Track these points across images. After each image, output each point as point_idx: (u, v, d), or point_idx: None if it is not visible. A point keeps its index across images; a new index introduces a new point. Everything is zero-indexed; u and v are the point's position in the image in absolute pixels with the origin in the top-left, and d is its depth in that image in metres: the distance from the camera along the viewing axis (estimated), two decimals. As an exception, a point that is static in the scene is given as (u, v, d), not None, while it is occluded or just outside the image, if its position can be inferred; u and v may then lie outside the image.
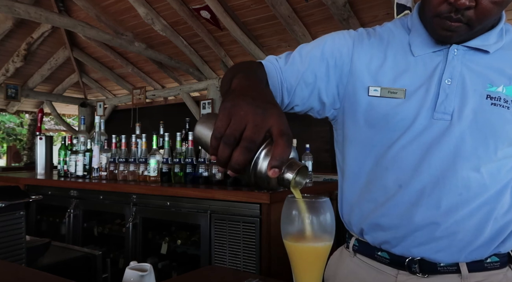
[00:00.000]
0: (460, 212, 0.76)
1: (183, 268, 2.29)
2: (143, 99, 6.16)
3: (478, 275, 0.77)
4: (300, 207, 0.67)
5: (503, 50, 0.79)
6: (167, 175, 2.35)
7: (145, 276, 0.77)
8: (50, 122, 12.01)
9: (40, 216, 2.79)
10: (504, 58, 0.78)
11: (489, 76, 0.76)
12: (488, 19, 0.73)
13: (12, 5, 3.75)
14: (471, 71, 0.77)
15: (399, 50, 0.83)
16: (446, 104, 0.76)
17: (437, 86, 0.77)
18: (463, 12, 0.70)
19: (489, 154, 0.75)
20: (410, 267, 0.80)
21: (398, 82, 0.80)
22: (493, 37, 0.78)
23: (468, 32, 0.74)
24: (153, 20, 4.66)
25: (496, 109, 0.75)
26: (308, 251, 0.66)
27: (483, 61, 0.78)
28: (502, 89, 0.75)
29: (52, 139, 3.55)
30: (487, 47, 0.77)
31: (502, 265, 0.79)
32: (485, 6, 0.70)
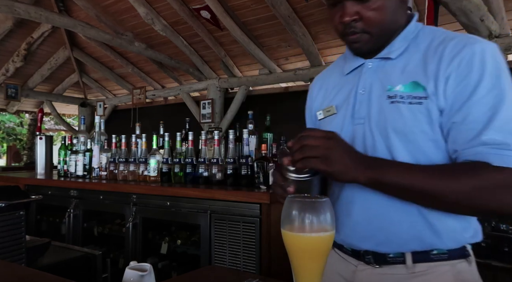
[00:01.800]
0: (390, 208, 0.85)
1: (183, 268, 2.29)
2: (143, 99, 6.16)
3: (422, 266, 0.84)
4: (300, 206, 0.67)
5: (406, 52, 0.88)
6: (167, 175, 2.35)
7: (145, 276, 0.77)
8: (50, 122, 12.01)
9: (40, 216, 2.79)
10: (405, 60, 0.87)
11: (390, 79, 0.87)
12: (379, 24, 0.83)
13: (12, 5, 3.75)
14: (378, 79, 0.89)
15: (338, 74, 1.00)
16: (360, 111, 0.89)
17: (355, 97, 0.91)
18: (353, 25, 0.83)
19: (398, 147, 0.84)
20: (364, 258, 0.90)
21: (333, 101, 0.96)
22: (398, 44, 0.88)
23: (371, 39, 0.85)
24: (153, 20, 4.66)
25: (395, 106, 0.84)
26: (306, 241, 0.66)
27: (389, 66, 0.89)
28: (400, 87, 0.84)
29: (52, 139, 3.55)
30: (390, 54, 0.88)
31: (452, 257, 0.85)
32: (367, 16, 0.82)
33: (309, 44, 4.33)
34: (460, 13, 2.85)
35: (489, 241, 2.45)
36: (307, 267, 0.68)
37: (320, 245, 0.66)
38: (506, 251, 2.36)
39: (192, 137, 2.32)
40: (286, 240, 0.68)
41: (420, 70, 0.83)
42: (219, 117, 5.44)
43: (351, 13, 0.82)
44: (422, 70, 0.83)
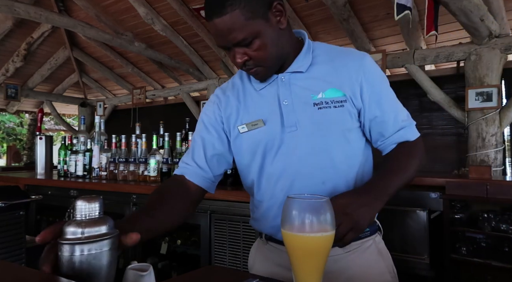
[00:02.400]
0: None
1: (183, 268, 2.29)
2: (143, 99, 6.16)
3: (354, 244, 1.01)
4: (300, 206, 0.67)
5: (313, 65, 1.02)
6: (167, 175, 2.35)
7: (145, 276, 0.77)
8: (50, 122, 12.00)
9: (40, 216, 2.79)
10: (316, 72, 1.01)
11: (310, 89, 0.99)
12: (267, 58, 0.95)
13: (12, 5, 3.75)
14: (297, 90, 1.00)
15: (247, 90, 1.08)
16: (290, 119, 0.99)
17: (280, 108, 1.01)
18: (246, 64, 0.96)
19: (334, 144, 0.99)
20: None
21: (256, 115, 1.03)
22: (302, 61, 1.01)
23: (267, 69, 0.98)
24: (153, 20, 4.66)
25: (323, 111, 0.98)
26: (306, 241, 0.66)
27: (303, 78, 1.01)
28: (322, 95, 0.98)
29: (52, 139, 3.55)
30: (300, 68, 1.01)
31: (372, 233, 1.06)
32: (253, 55, 0.94)
33: (309, 44, 4.33)
34: (460, 13, 2.85)
35: (489, 241, 2.45)
36: (307, 267, 0.68)
37: (320, 245, 0.66)
38: (506, 251, 2.36)
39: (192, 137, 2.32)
40: (286, 240, 0.68)
41: (334, 79, 0.99)
42: (219, 117, 5.43)
43: (240, 56, 0.94)
44: (336, 78, 0.99)
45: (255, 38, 0.92)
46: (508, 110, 3.25)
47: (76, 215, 0.69)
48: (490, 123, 3.26)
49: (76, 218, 0.68)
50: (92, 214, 0.69)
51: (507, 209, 2.41)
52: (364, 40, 3.99)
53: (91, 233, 0.67)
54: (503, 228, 2.32)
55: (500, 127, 3.27)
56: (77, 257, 0.65)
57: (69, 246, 0.65)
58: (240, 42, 0.92)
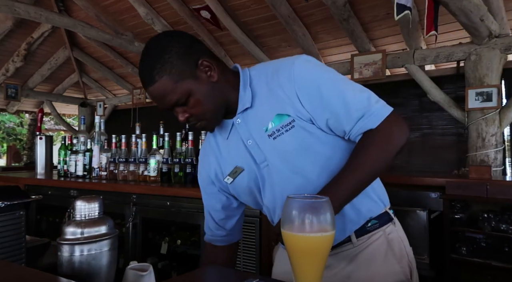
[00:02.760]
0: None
1: (183, 268, 2.29)
2: (143, 99, 6.15)
3: (364, 238, 1.04)
4: (300, 206, 0.67)
5: (255, 96, 1.03)
6: (167, 175, 2.35)
7: (145, 276, 0.77)
8: (50, 122, 12.00)
9: (40, 216, 2.79)
10: (259, 102, 1.03)
11: (261, 122, 1.02)
12: (206, 112, 1.00)
13: (12, 5, 3.75)
14: (252, 127, 1.03)
15: (220, 146, 1.13)
16: (259, 156, 1.04)
17: (247, 149, 1.05)
18: (189, 120, 1.01)
19: (306, 163, 1.00)
20: None
21: (233, 162, 1.09)
22: (243, 97, 1.03)
23: (210, 121, 1.03)
24: (153, 20, 4.66)
25: (278, 139, 1.00)
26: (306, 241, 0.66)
27: (252, 114, 1.04)
28: (271, 124, 1.00)
29: (52, 139, 3.55)
30: (245, 105, 1.03)
31: (382, 224, 1.06)
32: (192, 113, 0.99)
33: (309, 44, 4.33)
34: (460, 13, 2.85)
35: (489, 241, 2.45)
36: (307, 267, 0.68)
37: (320, 245, 0.66)
38: (506, 251, 2.36)
39: (192, 137, 2.32)
40: (286, 240, 0.68)
41: (274, 104, 1.00)
42: (219, 117, 5.44)
43: (182, 115, 1.00)
44: (276, 103, 1.00)
45: (189, 96, 0.97)
46: (508, 110, 3.25)
47: (76, 215, 0.69)
48: (490, 123, 3.26)
49: (76, 218, 0.68)
50: (91, 214, 0.69)
51: (507, 209, 2.41)
52: (364, 40, 3.99)
53: (91, 233, 0.67)
54: (503, 228, 2.32)
55: (500, 127, 3.27)
56: (76, 257, 0.65)
57: (68, 246, 0.65)
58: (176, 103, 0.97)
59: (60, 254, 0.65)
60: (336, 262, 1.05)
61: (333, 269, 1.05)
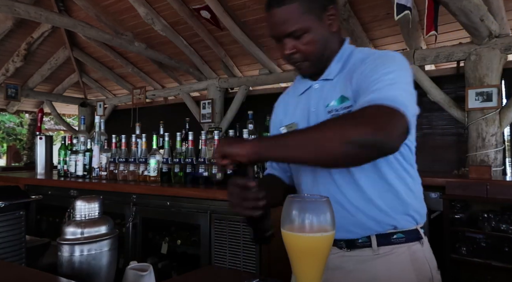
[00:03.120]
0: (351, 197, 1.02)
1: (183, 268, 2.29)
2: (143, 99, 6.15)
3: (385, 248, 1.02)
4: (300, 206, 0.67)
5: (341, 72, 1.05)
6: (167, 175, 2.35)
7: (145, 276, 0.77)
8: (50, 122, 12.00)
9: (40, 216, 2.79)
10: (340, 80, 1.04)
11: (328, 97, 1.04)
12: (313, 53, 1.02)
13: (12, 4, 3.75)
14: (321, 98, 1.06)
15: (294, 95, 1.18)
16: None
17: (308, 114, 1.09)
18: (293, 57, 1.03)
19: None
20: (337, 244, 1.06)
21: (293, 118, 1.14)
22: (334, 66, 1.06)
23: (311, 64, 1.05)
24: (153, 20, 4.66)
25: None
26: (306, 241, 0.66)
27: (329, 86, 1.06)
28: (334, 102, 1.02)
29: (52, 139, 3.55)
30: (329, 76, 1.06)
31: (408, 240, 1.03)
32: (301, 49, 1.01)
33: (309, 44, 4.32)
34: (460, 13, 2.85)
35: (489, 241, 2.45)
36: (307, 267, 0.68)
37: (320, 245, 0.66)
38: (506, 251, 2.35)
39: (192, 137, 2.32)
40: (286, 240, 0.68)
41: (346, 84, 1.02)
42: (219, 117, 5.43)
43: (289, 48, 1.02)
44: (347, 84, 1.01)
45: (306, 32, 0.99)
46: (508, 110, 3.25)
47: (76, 215, 0.69)
48: (490, 123, 3.26)
49: (76, 218, 0.68)
50: (91, 214, 0.69)
51: (507, 209, 2.41)
52: (364, 40, 3.99)
53: (91, 233, 0.67)
54: (503, 228, 2.32)
55: (500, 127, 3.27)
56: (76, 257, 0.65)
57: (68, 246, 0.65)
58: (292, 34, 0.99)
59: (60, 254, 0.65)
60: (353, 265, 1.04)
61: (351, 272, 1.04)
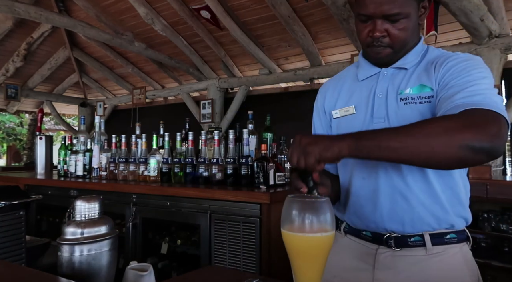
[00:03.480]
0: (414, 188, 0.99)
1: (183, 268, 2.29)
2: (143, 99, 6.16)
3: (439, 248, 1.00)
4: (300, 206, 0.67)
5: (419, 67, 1.04)
6: (167, 175, 2.35)
7: (145, 276, 0.77)
8: (50, 122, 12.01)
9: (40, 216, 2.79)
10: (417, 70, 1.03)
11: (401, 85, 1.02)
12: (402, 41, 1.00)
13: (12, 5, 3.75)
14: (392, 85, 1.04)
15: (351, 80, 1.14)
16: (380, 111, 1.03)
17: (373, 99, 1.05)
18: (381, 40, 0.99)
19: None
20: (387, 242, 1.03)
21: (350, 102, 1.10)
22: (410, 57, 1.05)
23: (392, 52, 1.02)
24: (153, 20, 4.66)
25: (408, 106, 0.99)
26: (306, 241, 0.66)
27: (401, 75, 1.04)
28: (409, 90, 1.00)
29: (52, 139, 3.55)
30: (405, 65, 1.04)
31: (460, 241, 1.02)
32: (394, 34, 0.99)
33: (309, 44, 4.33)
34: (460, 13, 2.85)
35: (489, 241, 2.45)
36: (307, 267, 0.68)
37: (320, 245, 0.66)
38: (506, 251, 2.36)
39: (192, 137, 2.32)
40: (286, 240, 0.68)
41: (424, 75, 1.00)
42: (219, 117, 5.44)
43: (381, 30, 0.98)
44: (426, 75, 1.00)
45: (405, 18, 0.97)
46: (508, 110, 3.25)
47: (76, 215, 0.69)
48: (490, 123, 3.26)
49: (76, 218, 0.68)
50: (91, 214, 0.69)
51: (507, 209, 2.41)
52: (364, 40, 3.99)
53: (91, 233, 0.67)
54: (503, 228, 2.32)
55: (500, 127, 3.27)
56: (76, 257, 0.65)
57: (68, 246, 0.65)
58: (391, 16, 0.96)
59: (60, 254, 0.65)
60: (405, 266, 1.00)
61: (402, 272, 1.00)
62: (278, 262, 1.77)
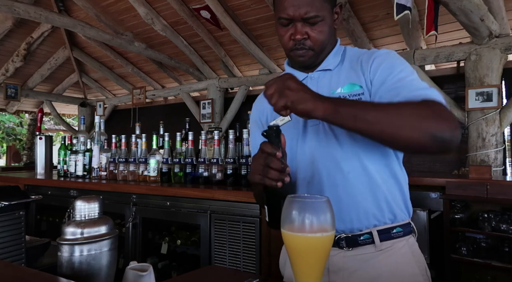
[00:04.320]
0: (358, 184, 1.03)
1: (183, 268, 2.29)
2: (143, 99, 6.15)
3: (387, 243, 1.02)
4: (300, 206, 0.67)
5: (341, 65, 1.10)
6: (167, 175, 2.35)
7: (145, 276, 0.77)
8: (50, 122, 12.00)
9: (40, 216, 2.79)
10: (341, 70, 1.09)
11: (331, 85, 1.07)
12: (321, 43, 1.04)
13: (12, 4, 3.75)
14: (321, 87, 1.07)
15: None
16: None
17: None
18: (303, 42, 1.03)
19: (350, 138, 1.01)
20: (338, 243, 1.04)
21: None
22: (332, 59, 1.10)
23: (314, 55, 1.06)
24: (153, 20, 4.66)
25: None
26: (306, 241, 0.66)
27: (328, 76, 1.09)
28: (340, 89, 1.05)
29: (52, 139, 3.55)
30: (329, 66, 1.10)
31: (405, 234, 1.06)
32: (314, 36, 1.03)
33: (309, 44, 4.32)
34: (460, 13, 2.85)
35: (489, 241, 2.45)
36: (307, 267, 0.68)
37: (320, 245, 0.66)
38: (506, 251, 2.35)
39: (192, 137, 2.32)
40: (286, 240, 0.68)
41: (352, 74, 1.06)
42: (219, 117, 5.44)
43: (302, 32, 1.02)
44: (354, 74, 1.05)
45: (322, 20, 1.02)
46: (508, 110, 3.25)
47: (76, 215, 0.68)
48: (490, 123, 3.26)
49: (76, 218, 0.68)
50: (91, 214, 0.69)
51: (507, 209, 2.41)
52: (364, 40, 3.99)
53: (91, 233, 0.67)
54: (503, 228, 2.32)
55: (500, 127, 3.27)
56: (76, 258, 0.65)
57: (68, 246, 0.65)
58: (310, 19, 1.01)
59: (60, 254, 0.65)
60: (357, 265, 1.03)
61: (355, 272, 1.02)
62: (278, 262, 1.77)
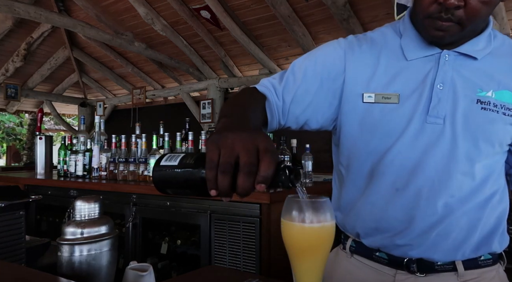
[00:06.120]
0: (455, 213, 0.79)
1: (183, 268, 2.29)
2: (143, 99, 6.15)
3: (473, 272, 0.81)
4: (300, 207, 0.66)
5: (491, 56, 0.81)
6: (167, 175, 2.34)
7: (145, 276, 0.77)
8: (50, 122, 12.00)
9: (40, 216, 2.79)
10: (492, 64, 0.80)
11: (478, 82, 0.79)
12: (477, 19, 0.74)
13: (12, 4, 3.75)
14: (462, 77, 0.79)
15: (392, 54, 0.84)
16: (439, 109, 0.78)
17: (430, 91, 0.79)
18: (453, 12, 0.72)
19: (481, 157, 0.78)
20: (408, 266, 0.82)
21: (391, 87, 0.81)
22: (481, 43, 0.80)
23: (459, 33, 0.76)
24: (153, 20, 4.66)
25: (487, 113, 0.77)
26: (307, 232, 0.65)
27: (472, 66, 0.80)
28: (492, 94, 0.78)
29: (52, 139, 3.55)
30: (475, 53, 0.80)
31: (494, 262, 0.85)
32: (474, 6, 0.71)
33: (309, 44, 4.33)
34: (460, 13, 2.85)
35: None
36: (307, 263, 0.67)
37: (321, 236, 0.65)
38: (506, 251, 2.35)
39: (192, 137, 2.32)
40: (285, 231, 0.66)
41: (507, 77, 0.79)
42: (219, 117, 5.44)
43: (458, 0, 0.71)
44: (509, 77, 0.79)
45: None
46: (508, 110, 3.25)
47: (76, 215, 0.69)
48: (490, 123, 3.26)
49: (76, 218, 0.68)
50: (91, 214, 0.69)
51: (507, 209, 2.41)
52: (364, 40, 3.99)
53: (91, 233, 0.67)
54: (503, 228, 2.32)
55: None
56: (76, 257, 0.65)
57: (68, 246, 0.65)
58: None
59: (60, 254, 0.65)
60: None
61: None
62: (278, 262, 1.77)
